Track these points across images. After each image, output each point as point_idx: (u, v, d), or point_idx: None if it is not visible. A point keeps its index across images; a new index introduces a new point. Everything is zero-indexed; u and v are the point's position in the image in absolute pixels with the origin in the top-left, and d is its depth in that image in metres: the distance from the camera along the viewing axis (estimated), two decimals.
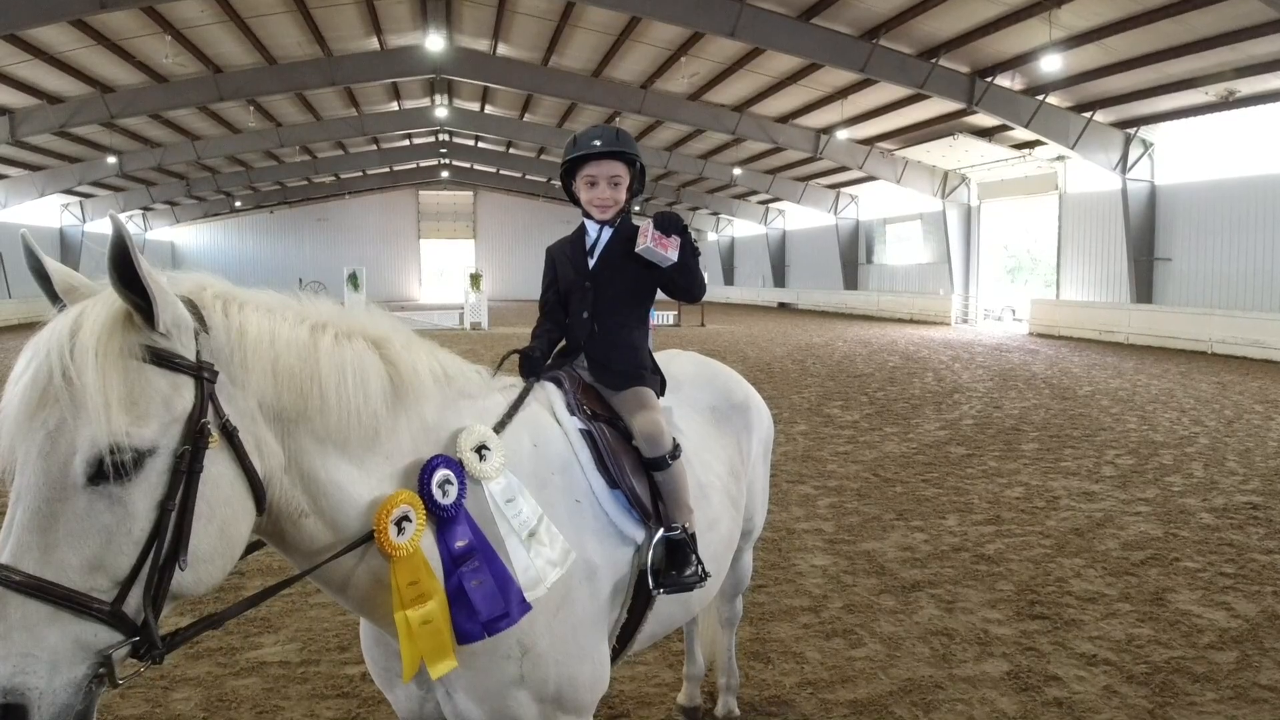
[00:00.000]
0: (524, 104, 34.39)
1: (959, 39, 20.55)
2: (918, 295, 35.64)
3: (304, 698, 4.50)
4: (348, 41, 25.97)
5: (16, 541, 1.61)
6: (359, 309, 2.23)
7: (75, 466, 1.62)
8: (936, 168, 31.96)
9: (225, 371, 1.85)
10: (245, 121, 32.47)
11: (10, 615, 1.57)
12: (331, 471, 2.02)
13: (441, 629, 2.10)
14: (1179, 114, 22.72)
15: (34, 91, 24.98)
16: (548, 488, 2.46)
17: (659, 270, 2.98)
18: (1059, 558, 6.65)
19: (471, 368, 2.52)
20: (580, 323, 3.01)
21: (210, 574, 1.80)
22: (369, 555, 2.10)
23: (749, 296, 49.86)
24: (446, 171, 53.25)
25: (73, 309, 1.74)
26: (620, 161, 2.97)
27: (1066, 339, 25.83)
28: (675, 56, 24.85)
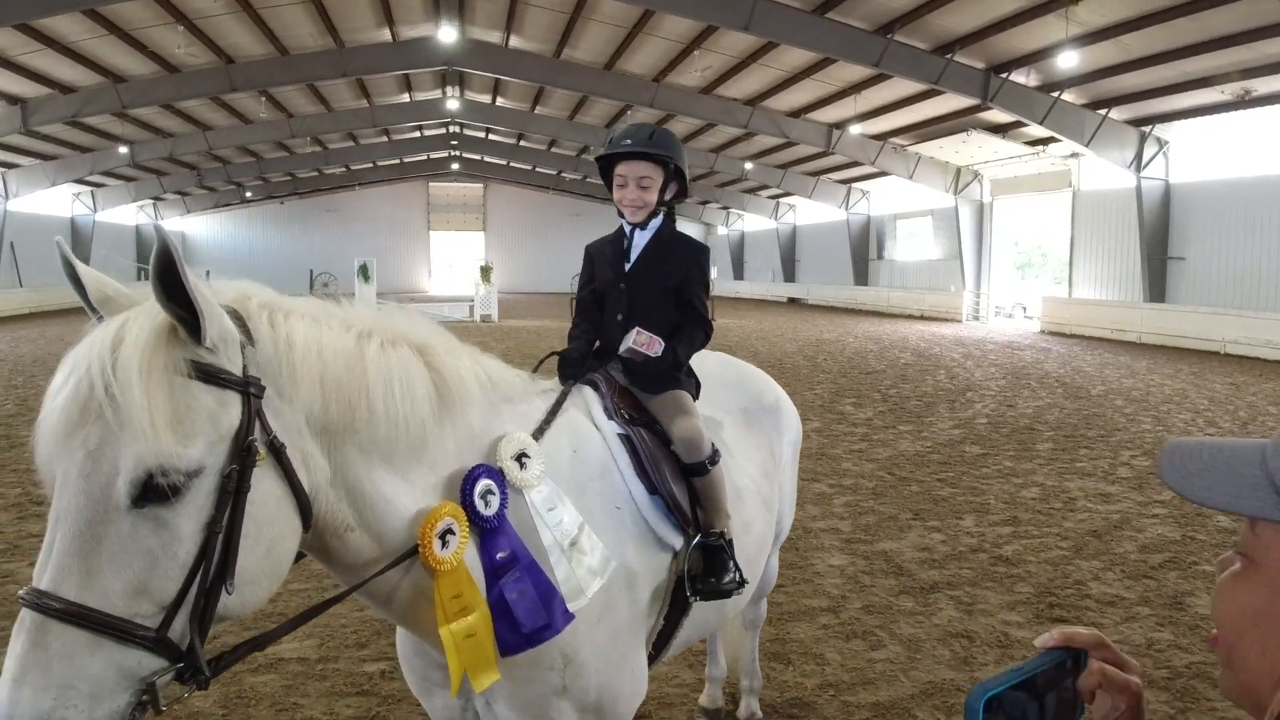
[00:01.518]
0: (535, 96, 34.32)
1: (974, 34, 20.42)
2: (928, 291, 35.52)
3: (323, 695, 4.50)
4: (360, 33, 25.93)
5: (57, 566, 1.55)
6: (400, 314, 2.17)
7: (119, 488, 1.55)
8: (949, 164, 31.82)
9: (272, 385, 1.78)
10: (257, 112, 32.48)
11: (51, 645, 1.51)
12: (378, 484, 1.97)
13: (484, 641, 2.06)
14: (1194, 112, 22.57)
15: (46, 81, 24.99)
16: (587, 494, 2.43)
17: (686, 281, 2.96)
18: (1077, 560, 6.62)
19: (514, 372, 2.47)
20: (615, 325, 2.98)
21: (257, 595, 1.75)
22: (413, 569, 2.06)
23: (758, 291, 49.78)
24: (457, 164, 53.19)
25: (113, 321, 1.66)
26: (651, 163, 2.91)
27: (1078, 337, 25.72)
28: (688, 50, 24.76)
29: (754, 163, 38.49)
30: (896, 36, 20.97)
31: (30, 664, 1.50)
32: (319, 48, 26.06)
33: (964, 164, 31.43)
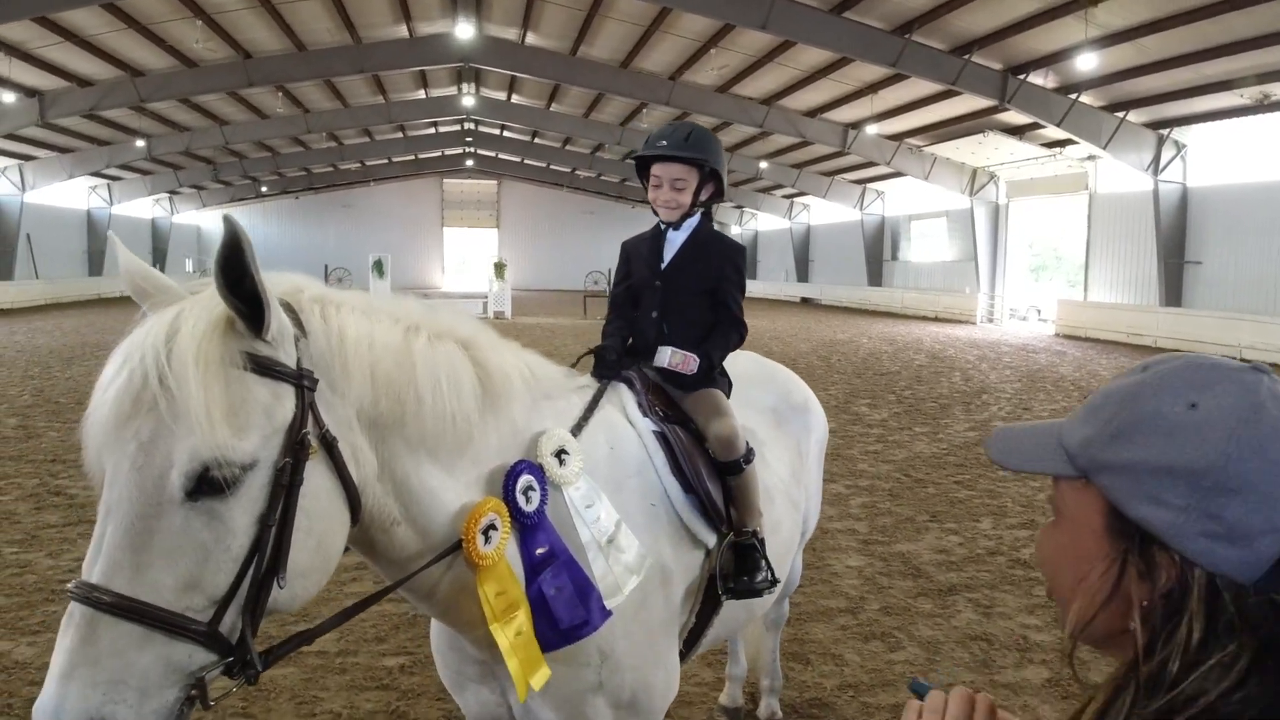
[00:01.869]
0: (551, 94, 34.33)
1: (992, 35, 20.33)
2: (943, 293, 35.39)
3: (343, 689, 4.51)
4: (377, 29, 25.98)
5: (108, 560, 1.53)
6: (443, 308, 2.17)
7: (172, 481, 1.54)
8: (965, 165, 31.70)
9: (325, 378, 1.77)
10: (273, 107, 32.60)
11: (100, 639, 1.49)
12: (424, 478, 1.97)
13: (532, 639, 2.07)
14: (1213, 116, 22.41)
15: (64, 74, 25.12)
16: (624, 491, 2.43)
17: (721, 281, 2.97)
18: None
19: (556, 368, 2.48)
20: (649, 322, 2.98)
21: (307, 589, 1.74)
22: (455, 564, 2.06)
23: (772, 291, 49.70)
24: (471, 160, 53.27)
25: (166, 312, 1.65)
26: (685, 165, 2.90)
27: (1093, 340, 25.59)
28: (705, 48, 24.72)
29: (769, 162, 38.43)
30: (914, 36, 20.90)
31: (79, 659, 1.49)
32: (336, 43, 26.12)
33: (980, 165, 31.32)
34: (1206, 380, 1.00)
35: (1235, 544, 0.93)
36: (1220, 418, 0.96)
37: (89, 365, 16.61)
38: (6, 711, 4.24)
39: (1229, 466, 0.94)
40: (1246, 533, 0.93)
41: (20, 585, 5.85)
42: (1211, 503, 0.94)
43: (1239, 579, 0.94)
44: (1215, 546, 0.94)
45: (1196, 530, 0.94)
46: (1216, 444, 0.95)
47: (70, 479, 8.54)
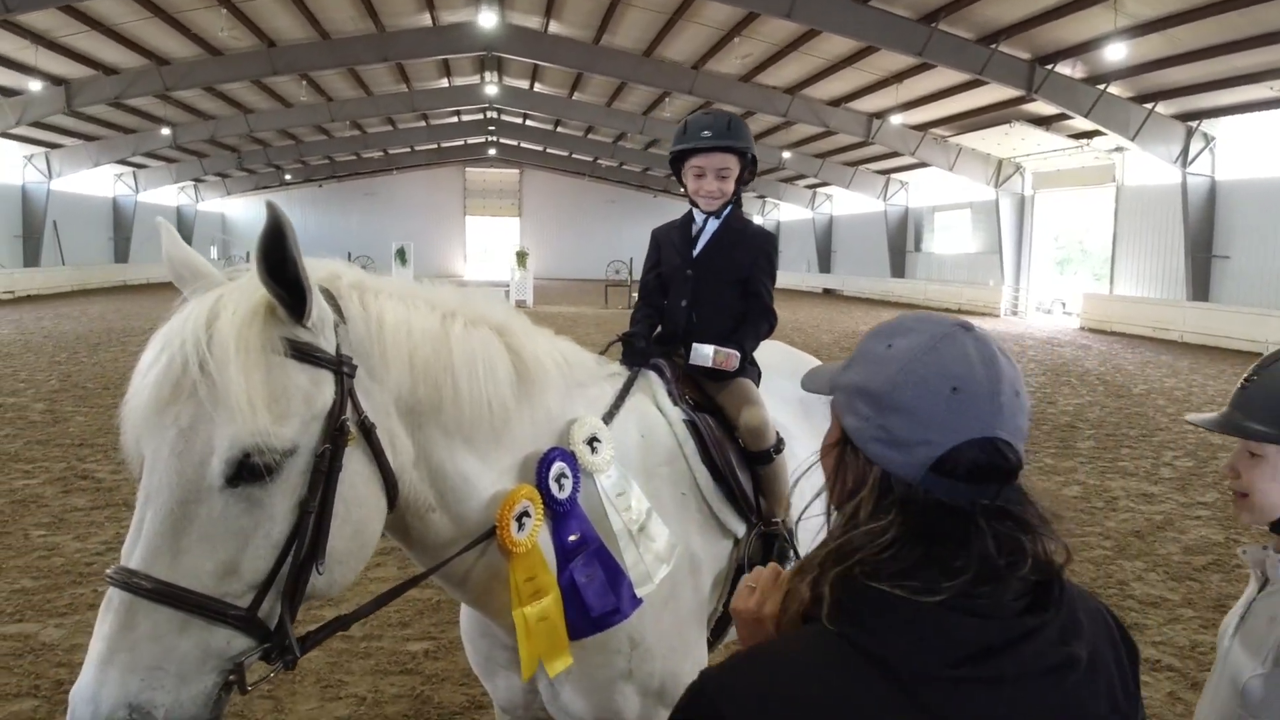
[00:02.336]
0: (573, 83, 34.29)
1: (1020, 24, 20.13)
2: (966, 285, 35.15)
3: (367, 673, 4.54)
4: (401, 17, 26.04)
5: (148, 546, 1.54)
6: (477, 294, 2.17)
7: (213, 467, 1.54)
8: (991, 155, 31.44)
9: (364, 365, 1.78)
10: (297, 96, 32.71)
11: (139, 625, 1.50)
12: (459, 464, 1.98)
13: (557, 626, 2.07)
14: (1243, 108, 22.11)
15: (90, 63, 25.30)
16: (655, 479, 2.43)
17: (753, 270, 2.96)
18: (1120, 560, 6.55)
19: (588, 355, 2.48)
20: (678, 310, 2.97)
21: (344, 575, 1.75)
22: (488, 550, 2.07)
23: (793, 282, 49.48)
24: (494, 149, 53.34)
25: (206, 297, 1.65)
26: (730, 154, 2.89)
27: (1119, 335, 25.36)
28: (728, 37, 24.61)
29: (792, 152, 38.25)
30: (940, 25, 20.73)
31: (118, 645, 1.49)
32: (360, 32, 26.19)
33: (1006, 156, 31.05)
34: (906, 328, 1.25)
35: (898, 450, 1.17)
36: (901, 355, 1.21)
37: (115, 351, 16.78)
38: (34, 693, 4.30)
39: (896, 391, 1.19)
40: (906, 442, 1.16)
41: (48, 568, 5.93)
42: (883, 417, 1.19)
43: (904, 477, 1.17)
44: (884, 450, 1.18)
45: (872, 436, 1.20)
46: (892, 374, 1.20)
47: (97, 463, 8.63)
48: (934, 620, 1.09)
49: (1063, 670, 1.11)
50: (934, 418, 1.16)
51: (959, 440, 1.15)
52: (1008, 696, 1.08)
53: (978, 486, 1.15)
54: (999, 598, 1.12)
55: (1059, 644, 1.12)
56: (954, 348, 1.19)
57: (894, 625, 1.10)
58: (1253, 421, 1.85)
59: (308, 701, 4.27)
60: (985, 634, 1.09)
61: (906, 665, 1.08)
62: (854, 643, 1.10)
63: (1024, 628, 1.11)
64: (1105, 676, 1.19)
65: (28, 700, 4.24)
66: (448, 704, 4.25)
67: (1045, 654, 1.11)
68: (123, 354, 16.11)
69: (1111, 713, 1.17)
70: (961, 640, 1.09)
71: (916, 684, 1.07)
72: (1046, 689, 1.10)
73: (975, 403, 1.16)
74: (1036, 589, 1.16)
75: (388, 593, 2.03)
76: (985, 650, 1.08)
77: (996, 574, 1.12)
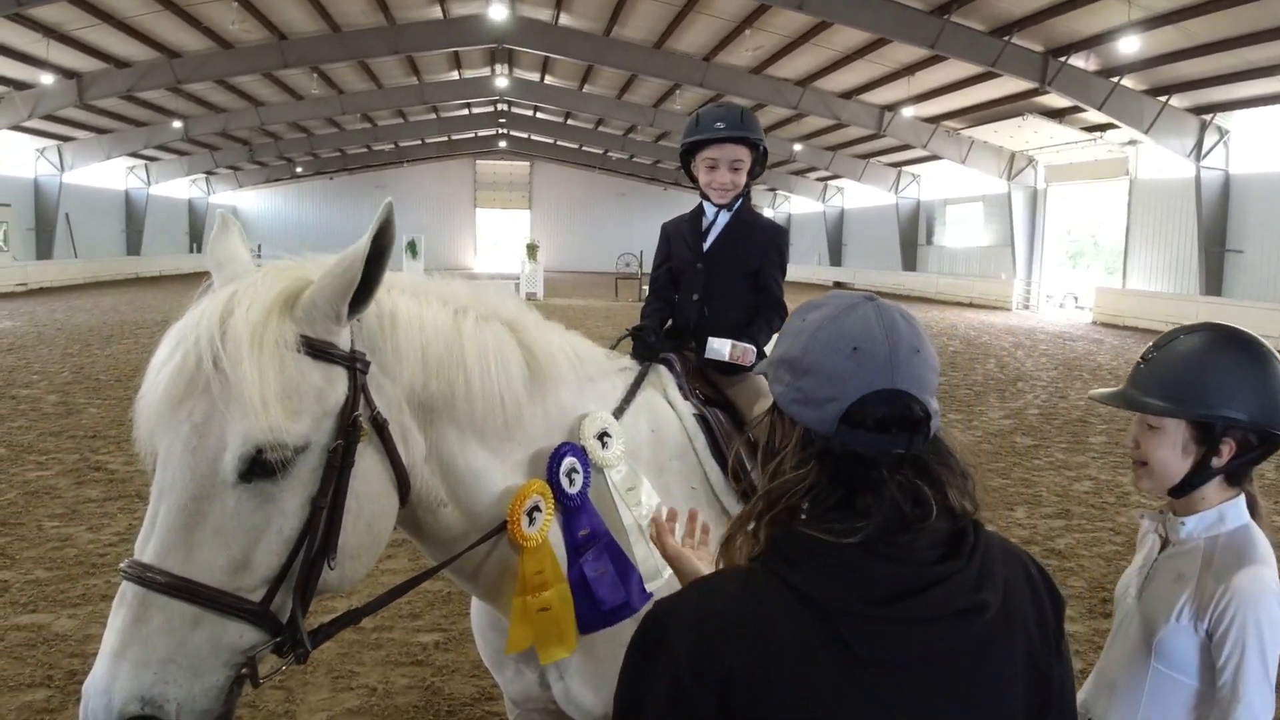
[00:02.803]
0: (584, 75, 34.25)
1: (1033, 16, 20.00)
2: (978, 279, 34.98)
3: (378, 664, 4.56)
4: (411, 10, 26.03)
5: (161, 541, 1.55)
6: (489, 289, 2.18)
7: (226, 463, 1.55)
8: (1003, 148, 31.25)
9: (377, 361, 1.78)
10: (308, 88, 32.75)
11: (153, 619, 1.51)
12: (470, 459, 1.98)
13: (560, 617, 2.08)
14: (1258, 101, 21.90)
15: (102, 56, 25.36)
16: (665, 474, 2.43)
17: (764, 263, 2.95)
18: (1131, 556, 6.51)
19: (599, 350, 2.48)
20: (690, 304, 2.96)
21: (356, 570, 1.75)
22: (500, 544, 2.07)
23: (804, 275, 49.33)
24: (504, 141, 53.29)
25: (220, 293, 1.67)
26: (743, 145, 2.88)
27: (1131, 329, 25.21)
28: (739, 29, 24.52)
29: (803, 144, 38.13)
30: (953, 17, 20.63)
31: (131, 639, 1.50)
32: (370, 25, 26.19)
33: (1018, 149, 30.87)
34: (819, 304, 1.40)
35: (812, 407, 1.31)
36: (811, 325, 1.36)
37: (127, 343, 16.85)
38: (47, 683, 4.33)
39: (806, 356, 1.34)
40: (818, 399, 1.31)
41: (61, 559, 5.96)
42: (799, 380, 1.34)
43: (820, 431, 1.30)
44: (801, 409, 1.33)
45: (791, 399, 1.35)
46: (804, 342, 1.35)
47: (110, 454, 8.67)
48: (853, 562, 1.22)
49: (971, 615, 1.22)
50: (838, 375, 1.29)
51: (862, 393, 1.28)
52: (918, 635, 1.20)
53: (888, 436, 1.28)
54: (913, 545, 1.24)
55: (971, 591, 1.23)
56: (855, 315, 1.33)
57: (817, 565, 1.23)
58: (1149, 397, 2.03)
59: (319, 692, 4.28)
60: (899, 578, 1.21)
61: (826, 600, 1.20)
62: (782, 578, 1.24)
63: (936, 575, 1.22)
64: (1021, 624, 1.30)
65: (41, 690, 4.27)
66: (458, 695, 4.26)
67: (955, 599, 1.21)
68: (135, 346, 16.17)
69: (1026, 656, 1.29)
70: (876, 582, 1.21)
71: (835, 617, 1.19)
72: (955, 631, 1.22)
73: (874, 360, 1.29)
74: (951, 539, 1.27)
75: (399, 586, 2.04)
76: (899, 592, 1.20)
77: (907, 522, 1.24)
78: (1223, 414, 1.94)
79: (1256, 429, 1.95)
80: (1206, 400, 1.95)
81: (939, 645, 1.21)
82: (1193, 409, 1.97)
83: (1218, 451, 1.97)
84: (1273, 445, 1.99)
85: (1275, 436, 1.97)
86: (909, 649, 1.19)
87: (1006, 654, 1.27)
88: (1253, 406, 1.94)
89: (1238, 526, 2.00)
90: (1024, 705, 1.29)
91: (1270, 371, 1.97)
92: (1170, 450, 2.02)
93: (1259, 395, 1.94)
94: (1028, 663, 1.29)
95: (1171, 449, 2.02)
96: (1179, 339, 2.11)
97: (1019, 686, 1.28)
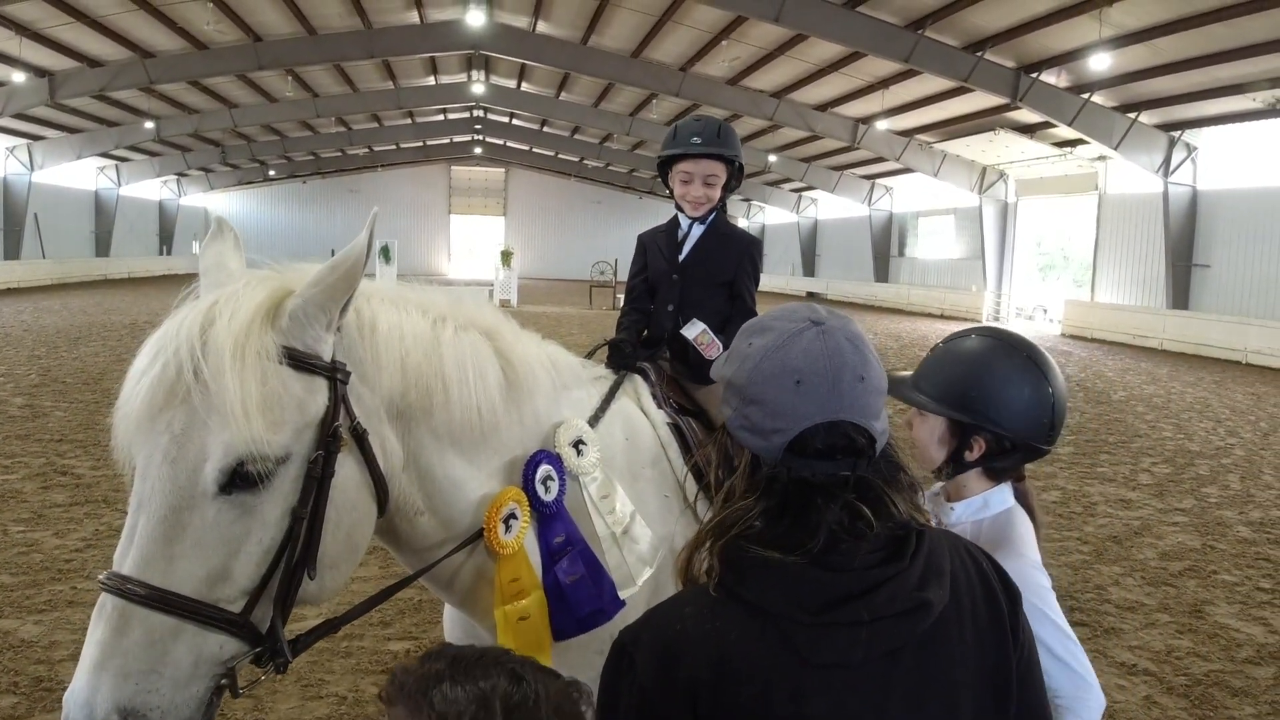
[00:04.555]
0: (560, 82, 34.27)
1: (1006, 33, 20.26)
2: (949, 290, 35.33)
3: (348, 672, 4.54)
4: (388, 14, 25.96)
5: (140, 552, 1.54)
6: (466, 298, 2.19)
7: (206, 475, 1.55)
8: (975, 162, 31.60)
9: (356, 370, 1.78)
10: (283, 91, 32.56)
11: (133, 631, 1.51)
12: (447, 468, 1.99)
13: (537, 625, 2.09)
14: (1225, 119, 22.32)
15: (74, 54, 25.09)
16: (639, 481, 2.44)
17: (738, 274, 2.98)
18: (1098, 564, 6.61)
19: (575, 359, 2.50)
20: (665, 315, 2.99)
21: (336, 580, 1.76)
22: (476, 552, 2.08)
23: (777, 285, 49.57)
24: (480, 148, 53.22)
25: (202, 302, 1.67)
26: (718, 161, 2.91)
27: (1100, 341, 25.55)
28: (716, 40, 24.66)
29: (778, 155, 38.34)
30: (927, 32, 20.84)
31: (112, 650, 1.50)
32: (347, 28, 26.10)
33: (990, 163, 31.22)
34: (764, 327, 1.40)
35: (758, 436, 1.34)
36: (756, 352, 1.37)
37: (95, 345, 16.65)
38: (12, 690, 4.28)
39: (751, 386, 1.36)
40: (764, 430, 1.33)
41: (27, 564, 5.89)
42: (746, 408, 1.37)
43: (766, 459, 1.34)
44: (749, 437, 1.36)
45: (739, 425, 1.38)
46: (749, 370, 1.37)
47: (77, 458, 8.58)
48: (798, 574, 1.28)
49: (916, 613, 1.28)
50: (782, 408, 1.32)
51: (805, 425, 1.32)
52: (864, 637, 1.26)
53: (832, 462, 1.33)
54: (852, 555, 1.29)
55: (915, 590, 1.29)
56: (799, 344, 1.35)
57: (765, 578, 1.29)
58: (923, 387, 2.17)
59: (288, 700, 4.26)
60: (840, 584, 1.27)
61: (775, 609, 1.27)
62: (734, 594, 1.30)
63: (876, 578, 1.28)
64: (972, 618, 1.36)
65: (7, 697, 4.22)
66: None
67: (898, 599, 1.27)
68: (103, 349, 16.00)
69: (976, 647, 1.35)
70: (819, 590, 1.27)
71: (783, 624, 1.26)
72: (901, 629, 1.27)
73: (817, 392, 1.32)
74: (891, 543, 1.33)
75: (377, 595, 2.04)
76: (843, 598, 1.26)
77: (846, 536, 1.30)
78: (977, 417, 2.07)
79: (1010, 435, 2.07)
80: (965, 403, 2.08)
81: (886, 643, 1.27)
82: (948, 408, 2.10)
83: (969, 446, 2.11)
84: (1031, 452, 2.13)
85: (1028, 445, 2.10)
86: (856, 650, 1.25)
87: (958, 646, 1.33)
88: (1008, 415, 2.06)
89: (1000, 511, 2.13)
90: (976, 694, 1.34)
91: (1035, 387, 2.09)
92: (929, 436, 2.16)
93: (1016, 406, 2.06)
94: (978, 653, 1.35)
95: (930, 435, 2.16)
96: (968, 338, 2.22)
97: (971, 676, 1.34)
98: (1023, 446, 2.11)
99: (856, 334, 1.38)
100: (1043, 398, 2.08)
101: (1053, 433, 2.11)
